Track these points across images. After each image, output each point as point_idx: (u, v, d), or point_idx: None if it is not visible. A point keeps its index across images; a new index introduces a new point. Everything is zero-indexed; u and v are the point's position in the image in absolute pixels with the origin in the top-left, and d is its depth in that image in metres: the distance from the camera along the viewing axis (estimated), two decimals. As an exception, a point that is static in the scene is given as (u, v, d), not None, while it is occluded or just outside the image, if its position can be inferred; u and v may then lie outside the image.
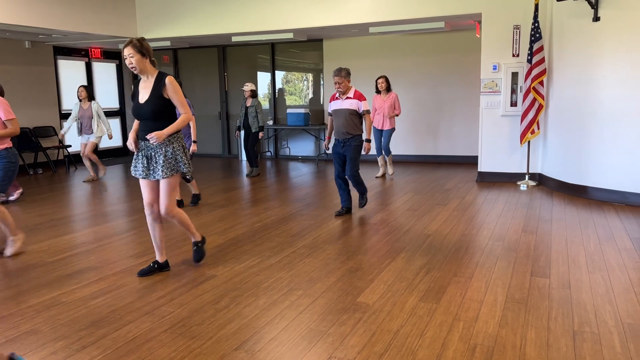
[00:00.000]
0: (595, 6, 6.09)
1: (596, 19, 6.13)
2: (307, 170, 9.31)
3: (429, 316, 3.15)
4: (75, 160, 10.31)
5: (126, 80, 11.98)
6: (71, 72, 10.80)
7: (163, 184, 3.79)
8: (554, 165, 7.08)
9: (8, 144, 4.44)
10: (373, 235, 4.96)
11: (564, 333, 2.91)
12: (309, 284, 3.72)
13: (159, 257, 4.00)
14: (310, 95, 11.04)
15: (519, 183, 7.44)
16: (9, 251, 4.51)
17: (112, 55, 11.69)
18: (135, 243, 4.85)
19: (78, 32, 8.50)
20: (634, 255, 4.26)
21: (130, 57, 3.61)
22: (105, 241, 4.95)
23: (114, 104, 11.52)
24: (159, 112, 3.70)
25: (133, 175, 3.86)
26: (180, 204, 6.28)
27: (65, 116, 10.41)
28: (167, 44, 9.97)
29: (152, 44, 9.95)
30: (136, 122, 3.86)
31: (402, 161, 10.09)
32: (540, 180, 7.46)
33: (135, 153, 3.84)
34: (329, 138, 5.87)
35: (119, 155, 11.71)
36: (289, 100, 11.20)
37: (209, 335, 2.96)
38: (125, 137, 11.74)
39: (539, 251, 4.40)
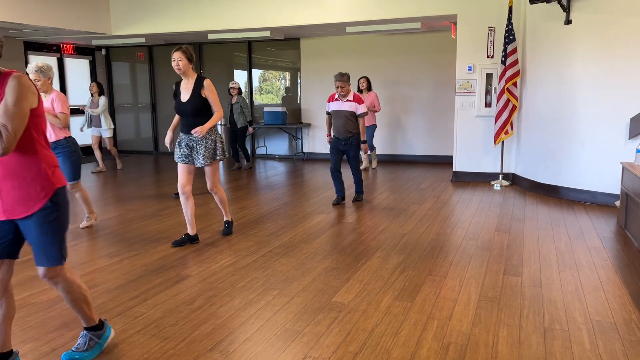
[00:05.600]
0: (567, 9, 6.21)
1: (568, 22, 6.25)
2: (283, 169, 9.28)
3: (404, 315, 3.18)
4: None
5: (99, 77, 11.78)
6: (42, 68, 10.55)
7: (207, 168, 4.58)
8: (526, 165, 7.21)
9: (67, 133, 4.94)
10: (349, 235, 4.98)
11: (535, 330, 2.96)
12: (285, 284, 3.72)
13: (190, 230, 4.64)
14: (288, 94, 11.02)
15: (492, 183, 7.55)
16: (83, 224, 5.33)
17: (86, 51, 11.47)
18: (108, 243, 4.78)
19: (50, 27, 8.32)
20: (602, 253, 4.36)
21: (179, 60, 4.28)
22: (77, 241, 4.87)
23: (86, 101, 11.30)
24: (198, 109, 4.40)
25: (176, 161, 4.55)
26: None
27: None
28: (142, 40, 9.81)
29: (126, 41, 9.82)
30: (176, 118, 4.67)
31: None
32: (514, 180, 7.58)
33: (178, 142, 4.51)
34: (330, 135, 6.29)
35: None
36: (266, 98, 11.16)
37: (183, 336, 2.93)
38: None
39: (511, 250, 4.47)
